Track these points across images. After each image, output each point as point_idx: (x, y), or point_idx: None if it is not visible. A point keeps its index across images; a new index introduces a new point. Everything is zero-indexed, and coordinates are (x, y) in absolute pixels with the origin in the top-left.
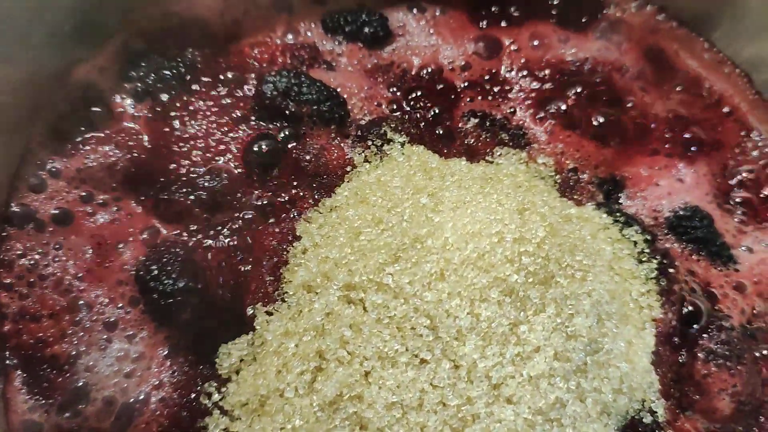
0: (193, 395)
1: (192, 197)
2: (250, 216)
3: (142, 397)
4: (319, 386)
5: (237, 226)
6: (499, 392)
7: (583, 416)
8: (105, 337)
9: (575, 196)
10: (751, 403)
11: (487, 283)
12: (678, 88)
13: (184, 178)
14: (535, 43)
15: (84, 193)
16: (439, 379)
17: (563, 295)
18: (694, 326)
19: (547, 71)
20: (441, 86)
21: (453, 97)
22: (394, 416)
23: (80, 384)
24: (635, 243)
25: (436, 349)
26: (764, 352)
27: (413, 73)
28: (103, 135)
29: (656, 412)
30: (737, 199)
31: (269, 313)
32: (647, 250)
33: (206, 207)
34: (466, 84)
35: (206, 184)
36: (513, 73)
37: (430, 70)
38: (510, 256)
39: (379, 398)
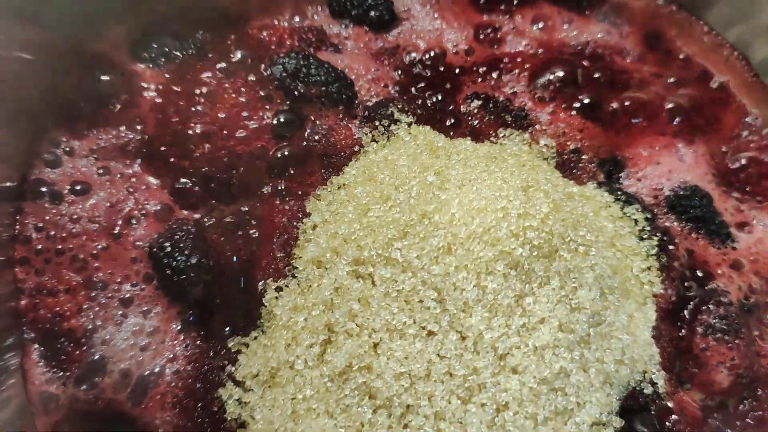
0: (206, 367)
1: (204, 179)
2: (261, 195)
3: (157, 369)
4: (329, 358)
5: (248, 205)
6: (505, 362)
7: (587, 386)
8: (120, 312)
9: (577, 176)
10: (748, 375)
11: (492, 256)
12: (678, 71)
13: (196, 159)
14: (539, 25)
15: (100, 170)
16: (446, 350)
17: (567, 268)
18: (693, 302)
19: (549, 54)
20: (445, 69)
21: (457, 79)
22: (403, 386)
23: (97, 357)
24: (636, 221)
25: (443, 320)
26: (761, 327)
27: (418, 56)
28: (115, 115)
29: (657, 383)
30: (736, 179)
31: (279, 289)
32: (648, 228)
33: (218, 188)
34: (469, 67)
35: (218, 164)
36: (515, 55)
37: (434, 53)
38: (515, 231)
39: (387, 369)
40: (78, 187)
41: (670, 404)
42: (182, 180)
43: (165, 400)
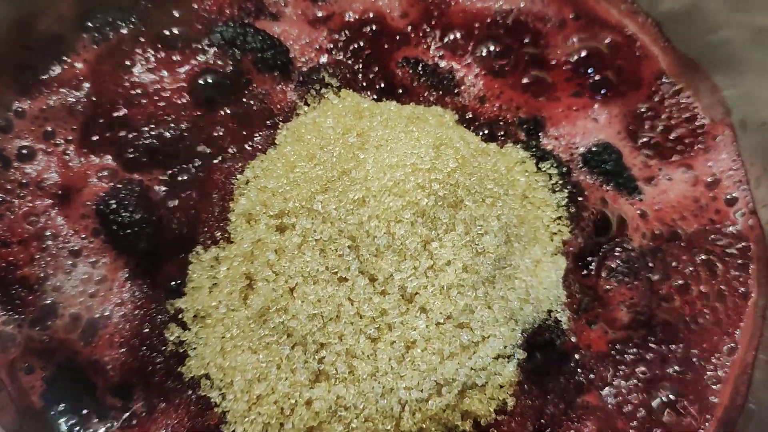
0: (151, 311)
1: (146, 142)
2: (201, 156)
3: (106, 313)
4: (250, 301)
5: (191, 165)
6: (414, 302)
7: (491, 321)
8: (70, 262)
9: (498, 135)
10: (645, 313)
11: (401, 206)
12: (596, 37)
13: (138, 124)
14: None
15: (49, 129)
16: (356, 295)
17: (472, 216)
18: (599, 248)
19: (477, 20)
20: (378, 34)
21: (389, 44)
22: (316, 326)
23: (49, 302)
24: (550, 175)
25: (352, 267)
26: (660, 269)
27: (353, 22)
28: (62, 79)
29: (560, 321)
30: (644, 138)
31: (212, 242)
32: (561, 182)
33: (161, 150)
34: (401, 32)
35: (159, 128)
36: (446, 22)
37: (368, 19)
38: (422, 183)
39: (301, 310)
40: (27, 149)
41: (575, 340)
42: (125, 144)
43: (113, 340)
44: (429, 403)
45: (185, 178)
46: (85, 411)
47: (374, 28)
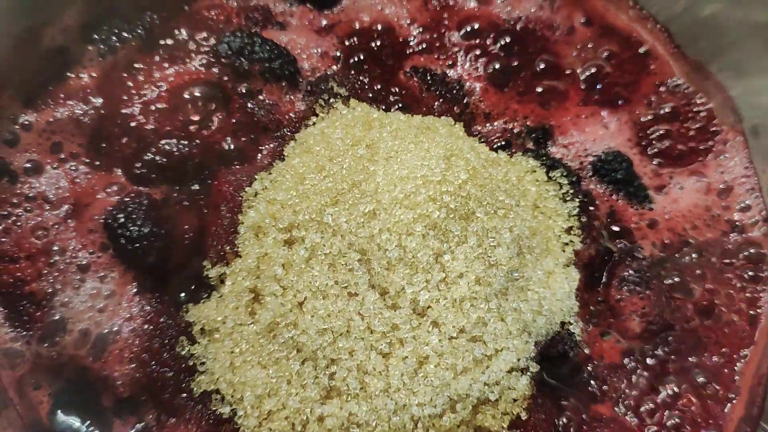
0: (161, 325)
1: (154, 155)
2: (211, 167)
3: (115, 328)
4: (258, 316)
5: (199, 177)
6: (426, 316)
7: (504, 333)
8: (78, 277)
9: (507, 144)
10: (658, 323)
11: (412, 218)
12: (605, 43)
13: (145, 136)
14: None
15: (56, 142)
16: (365, 310)
17: (484, 228)
18: (611, 257)
19: (485, 29)
20: (386, 43)
21: (397, 53)
22: (326, 341)
23: (57, 318)
24: (561, 185)
25: (361, 282)
26: (672, 278)
27: (360, 31)
28: (69, 91)
29: (574, 333)
30: (656, 145)
31: (220, 255)
32: (571, 191)
33: (170, 165)
34: (409, 41)
35: (166, 140)
36: (454, 30)
37: (376, 28)
38: (433, 196)
39: (311, 325)
40: (34, 163)
41: (589, 351)
42: (133, 157)
43: (123, 355)
44: (442, 419)
45: (194, 190)
46: (94, 427)
47: (382, 37)
